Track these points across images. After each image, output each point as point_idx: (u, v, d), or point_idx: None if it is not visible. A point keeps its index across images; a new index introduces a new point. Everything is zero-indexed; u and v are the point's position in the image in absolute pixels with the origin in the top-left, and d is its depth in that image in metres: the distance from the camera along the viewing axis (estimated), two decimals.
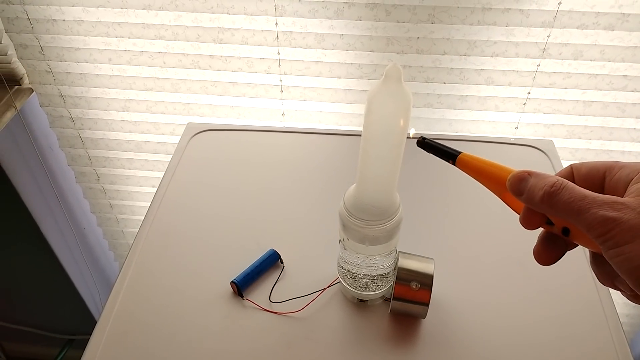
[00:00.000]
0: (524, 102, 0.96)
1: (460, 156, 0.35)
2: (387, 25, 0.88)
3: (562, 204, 0.28)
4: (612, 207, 0.26)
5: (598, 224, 0.26)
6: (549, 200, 0.28)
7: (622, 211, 0.26)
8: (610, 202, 0.27)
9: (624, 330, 0.59)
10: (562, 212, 0.28)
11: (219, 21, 0.91)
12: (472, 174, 0.35)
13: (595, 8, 0.82)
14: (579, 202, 0.27)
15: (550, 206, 0.29)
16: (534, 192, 0.29)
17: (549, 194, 0.28)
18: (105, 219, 1.35)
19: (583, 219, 0.27)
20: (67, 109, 1.09)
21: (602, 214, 0.26)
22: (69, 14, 0.93)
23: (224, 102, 1.04)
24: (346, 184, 0.53)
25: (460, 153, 0.35)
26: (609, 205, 0.26)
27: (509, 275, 0.64)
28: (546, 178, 0.29)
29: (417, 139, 0.38)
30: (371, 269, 0.55)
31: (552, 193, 0.28)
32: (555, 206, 0.28)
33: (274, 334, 0.58)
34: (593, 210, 0.27)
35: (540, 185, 0.29)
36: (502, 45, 0.89)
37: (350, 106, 1.01)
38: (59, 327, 1.53)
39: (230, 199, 0.74)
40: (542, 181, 0.29)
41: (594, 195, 0.27)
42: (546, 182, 0.29)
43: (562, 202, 0.28)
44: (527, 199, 0.30)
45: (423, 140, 0.38)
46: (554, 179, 0.29)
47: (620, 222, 0.26)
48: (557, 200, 0.28)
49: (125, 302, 0.61)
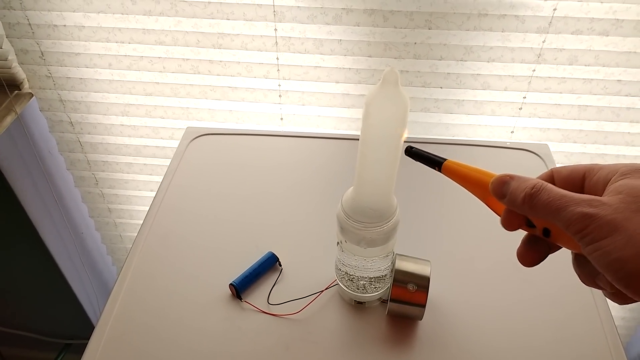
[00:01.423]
0: (520, 107, 0.97)
1: (445, 163, 0.37)
2: (384, 31, 0.89)
3: (542, 204, 0.29)
4: (590, 204, 0.27)
5: (576, 221, 0.27)
6: (530, 201, 0.29)
7: (599, 207, 0.27)
8: (588, 200, 0.27)
9: (619, 333, 0.59)
10: (542, 212, 0.29)
11: (219, 27, 0.92)
12: (457, 179, 0.37)
13: (589, 14, 0.83)
14: (557, 202, 0.28)
15: (531, 207, 0.30)
16: (516, 195, 0.30)
17: (530, 195, 0.29)
18: (103, 223, 1.35)
19: (562, 216, 0.28)
20: (66, 114, 1.09)
21: (579, 211, 0.27)
22: (70, 20, 0.94)
23: (223, 106, 1.05)
24: (344, 187, 0.53)
25: (446, 160, 0.37)
26: (587, 203, 0.27)
27: (505, 277, 0.64)
28: (527, 181, 0.30)
29: (405, 148, 0.40)
30: (368, 271, 0.56)
31: (533, 194, 0.29)
32: (536, 207, 0.29)
33: (272, 336, 0.58)
34: (571, 208, 0.27)
35: (522, 187, 0.30)
36: (498, 50, 0.90)
37: (348, 110, 1.02)
38: (57, 331, 1.53)
39: (228, 203, 0.75)
40: (523, 184, 0.30)
41: (572, 195, 0.28)
42: (527, 184, 0.30)
43: (542, 202, 0.29)
44: (509, 201, 0.31)
45: (410, 149, 0.40)
46: (534, 181, 0.30)
47: (597, 217, 0.26)
48: (537, 201, 0.29)
49: (124, 305, 0.62)
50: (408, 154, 0.40)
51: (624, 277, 0.26)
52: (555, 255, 0.71)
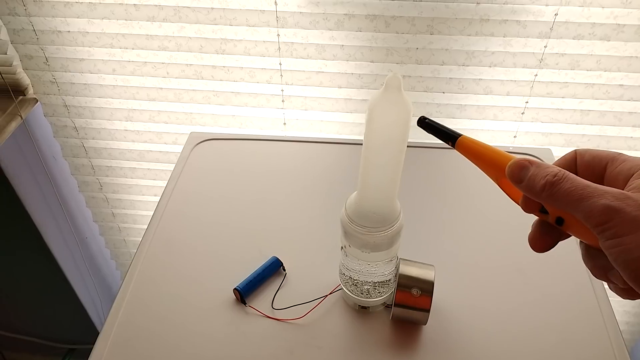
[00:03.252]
0: (522, 112, 0.98)
1: (460, 139, 0.35)
2: (386, 36, 0.90)
3: (563, 193, 0.28)
4: (616, 197, 0.26)
5: (598, 213, 0.26)
6: (550, 189, 0.28)
7: (625, 202, 0.26)
8: (613, 193, 0.26)
9: (623, 337, 0.59)
10: (563, 201, 0.28)
11: (222, 32, 0.93)
12: (471, 157, 0.35)
13: (591, 19, 0.84)
14: (580, 191, 0.27)
15: (550, 195, 0.29)
16: (535, 181, 0.29)
17: (551, 183, 0.28)
18: (107, 228, 1.35)
19: (583, 207, 0.27)
20: (71, 119, 1.10)
21: (603, 203, 0.26)
22: (74, 26, 0.94)
23: (226, 111, 1.05)
24: (347, 191, 0.54)
25: (461, 135, 0.35)
26: (612, 195, 0.26)
27: (509, 281, 0.64)
28: (548, 167, 0.29)
29: (418, 118, 0.37)
30: (372, 276, 0.56)
31: (554, 183, 0.28)
32: (555, 195, 0.28)
33: (277, 341, 0.58)
34: (594, 199, 0.26)
35: (542, 174, 0.29)
36: (500, 55, 0.90)
37: (350, 115, 1.03)
38: (60, 336, 1.53)
39: (232, 207, 0.75)
40: (543, 171, 0.29)
41: (596, 186, 0.27)
42: (548, 171, 0.29)
43: (563, 190, 0.28)
44: (527, 186, 0.30)
45: (424, 120, 0.37)
46: (556, 169, 0.29)
47: (622, 212, 0.25)
48: (557, 189, 0.28)
49: (129, 310, 0.62)
50: (421, 124, 0.37)
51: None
52: (560, 259, 0.71)
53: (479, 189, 0.77)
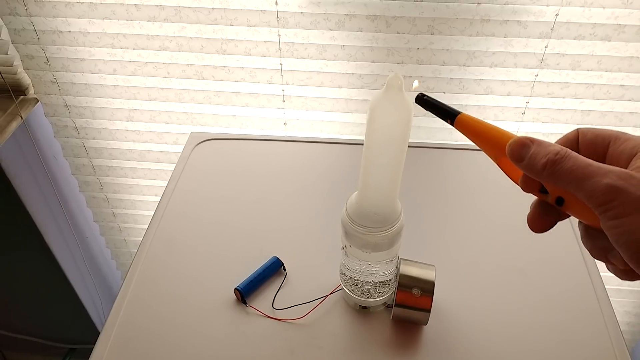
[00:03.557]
0: (523, 112, 0.98)
1: (459, 116, 0.34)
2: (387, 37, 0.90)
3: (565, 172, 0.27)
4: (619, 176, 0.25)
5: (601, 192, 0.25)
6: (552, 167, 0.28)
7: (628, 181, 0.25)
8: (617, 172, 0.26)
9: (624, 338, 0.59)
10: (564, 180, 0.27)
11: (223, 32, 0.93)
12: (471, 136, 0.34)
13: (592, 19, 0.84)
14: (582, 170, 0.26)
15: (552, 174, 0.28)
16: (536, 160, 0.28)
17: (552, 162, 0.28)
18: (108, 228, 1.35)
19: (585, 186, 0.26)
20: (71, 119, 1.10)
21: (606, 182, 0.25)
22: (75, 26, 0.94)
23: (226, 111, 1.05)
24: (347, 191, 0.54)
25: (460, 113, 0.34)
26: (615, 174, 0.25)
27: (510, 282, 0.64)
28: (549, 146, 0.29)
29: (416, 95, 0.36)
30: (373, 276, 0.56)
31: (556, 161, 0.27)
32: (557, 174, 0.27)
33: (277, 341, 0.58)
34: (597, 179, 0.26)
35: (544, 152, 0.28)
36: (501, 55, 0.90)
37: (351, 115, 1.03)
38: (61, 336, 1.53)
39: (233, 207, 0.75)
40: (545, 149, 0.28)
41: (599, 164, 0.26)
42: (550, 149, 0.28)
43: (565, 169, 0.27)
44: (527, 165, 0.29)
45: (422, 97, 0.36)
46: (558, 147, 0.28)
47: (625, 192, 0.25)
48: (559, 168, 0.27)
49: (129, 310, 0.62)
50: (419, 102, 0.36)
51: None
52: (560, 259, 0.71)
53: (479, 189, 0.77)
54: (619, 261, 0.27)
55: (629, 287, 1.22)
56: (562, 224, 0.76)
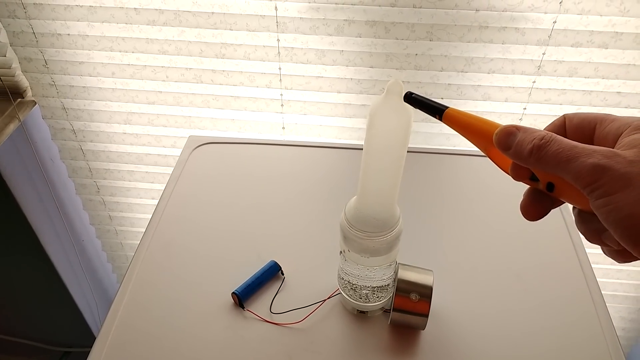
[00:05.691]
0: (520, 118, 0.98)
1: (447, 111, 0.35)
2: (386, 42, 0.90)
3: (551, 155, 0.27)
4: (604, 155, 0.25)
5: (587, 172, 0.25)
6: (538, 152, 0.28)
7: (613, 159, 0.25)
8: (601, 151, 0.26)
9: (620, 343, 0.59)
10: (551, 163, 0.27)
11: (222, 37, 0.93)
12: (459, 129, 0.34)
13: (589, 27, 0.84)
14: (567, 152, 0.26)
15: (538, 159, 0.28)
16: (522, 146, 0.29)
17: (538, 147, 0.28)
18: (104, 231, 1.35)
19: (572, 167, 0.26)
20: (69, 122, 1.10)
21: (591, 162, 0.25)
22: (74, 29, 0.94)
23: (225, 115, 1.05)
24: (346, 196, 0.54)
25: (447, 108, 0.35)
26: (600, 154, 0.25)
27: (507, 286, 0.65)
28: (535, 132, 0.29)
29: (404, 94, 0.38)
30: (371, 281, 0.56)
31: (542, 146, 0.28)
32: (544, 158, 0.28)
33: (275, 345, 0.58)
34: (582, 159, 0.26)
35: (529, 139, 0.28)
36: (499, 62, 0.90)
37: (349, 120, 1.03)
38: (56, 339, 1.52)
39: (231, 211, 0.75)
40: (530, 135, 0.28)
41: (583, 146, 0.27)
42: (535, 135, 0.28)
43: (551, 153, 0.27)
44: (515, 153, 0.29)
45: (410, 95, 0.37)
46: (543, 133, 0.28)
47: (610, 170, 0.25)
48: (545, 152, 0.27)
49: (126, 314, 0.62)
50: (407, 100, 0.37)
51: (634, 234, 0.24)
52: (557, 264, 0.71)
53: (477, 195, 0.77)
54: (613, 242, 0.27)
55: (624, 292, 1.23)
56: (559, 229, 0.76)
